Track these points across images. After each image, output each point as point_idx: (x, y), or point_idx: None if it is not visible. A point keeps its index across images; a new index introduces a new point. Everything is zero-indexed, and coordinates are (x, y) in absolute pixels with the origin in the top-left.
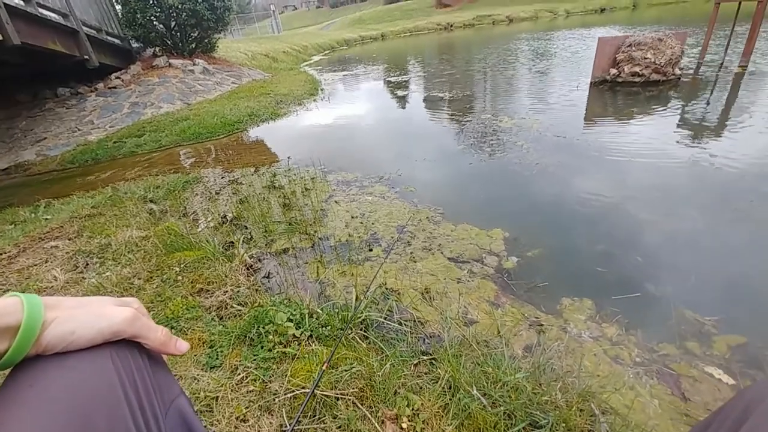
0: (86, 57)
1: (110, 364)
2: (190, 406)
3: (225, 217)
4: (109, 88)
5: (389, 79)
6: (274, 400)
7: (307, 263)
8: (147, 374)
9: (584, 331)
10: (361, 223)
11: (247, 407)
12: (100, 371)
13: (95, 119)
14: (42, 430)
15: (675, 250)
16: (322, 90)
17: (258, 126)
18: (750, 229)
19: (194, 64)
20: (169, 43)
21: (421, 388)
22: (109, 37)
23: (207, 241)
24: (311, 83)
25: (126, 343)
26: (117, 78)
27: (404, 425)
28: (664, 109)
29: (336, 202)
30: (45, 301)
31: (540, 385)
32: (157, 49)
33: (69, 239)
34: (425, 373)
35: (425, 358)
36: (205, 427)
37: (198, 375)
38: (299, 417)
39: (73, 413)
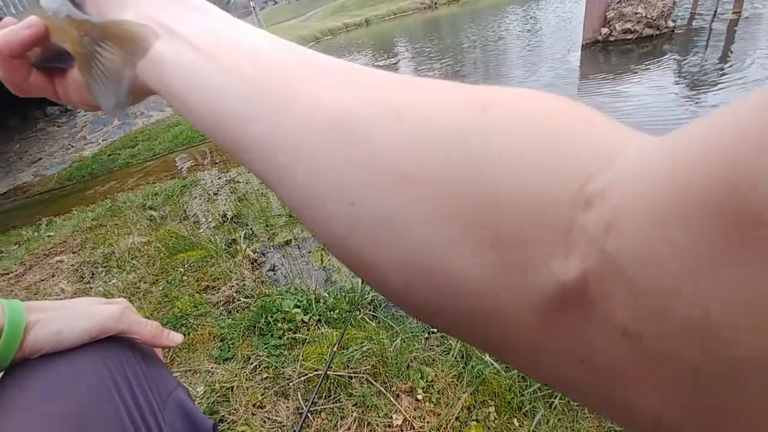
0: None
1: (100, 361)
2: (189, 398)
3: (225, 215)
4: None
5: (377, 63)
6: (288, 384)
7: (310, 252)
8: (140, 369)
9: None
10: None
11: (262, 394)
12: (90, 370)
13: (87, 134)
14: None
15: None
16: None
17: None
18: None
19: None
20: None
21: (433, 360)
22: None
23: (209, 240)
24: None
25: (116, 341)
26: None
27: (419, 396)
28: (660, 64)
29: None
30: (27, 305)
31: None
32: None
33: (73, 252)
34: (437, 346)
35: (435, 331)
36: (222, 416)
37: (212, 368)
38: (314, 398)
39: (67, 413)
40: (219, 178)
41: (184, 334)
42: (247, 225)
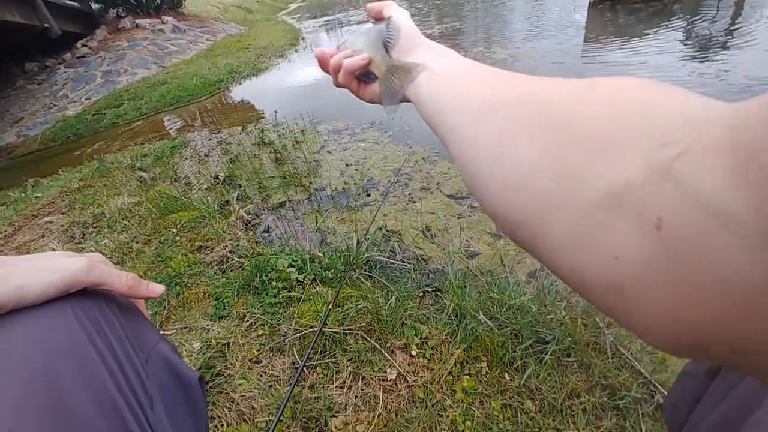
0: (46, 25)
1: (72, 316)
2: (174, 351)
3: (217, 177)
4: (78, 57)
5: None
6: (284, 341)
7: (305, 214)
8: (118, 324)
9: None
10: (357, 170)
11: (258, 350)
12: (60, 325)
13: (69, 92)
14: (4, 389)
15: None
16: (303, 39)
17: (240, 83)
18: None
19: (163, 23)
20: (132, 1)
21: (428, 318)
22: (66, 1)
23: (201, 201)
24: (291, 33)
25: (90, 295)
26: (84, 46)
27: (413, 352)
28: (669, 25)
29: (329, 151)
30: None
31: (545, 305)
32: (120, 9)
33: (62, 213)
34: (431, 304)
35: (430, 289)
36: (219, 370)
37: (207, 325)
38: (309, 353)
39: (37, 369)
40: (209, 139)
41: (179, 293)
42: (240, 186)
